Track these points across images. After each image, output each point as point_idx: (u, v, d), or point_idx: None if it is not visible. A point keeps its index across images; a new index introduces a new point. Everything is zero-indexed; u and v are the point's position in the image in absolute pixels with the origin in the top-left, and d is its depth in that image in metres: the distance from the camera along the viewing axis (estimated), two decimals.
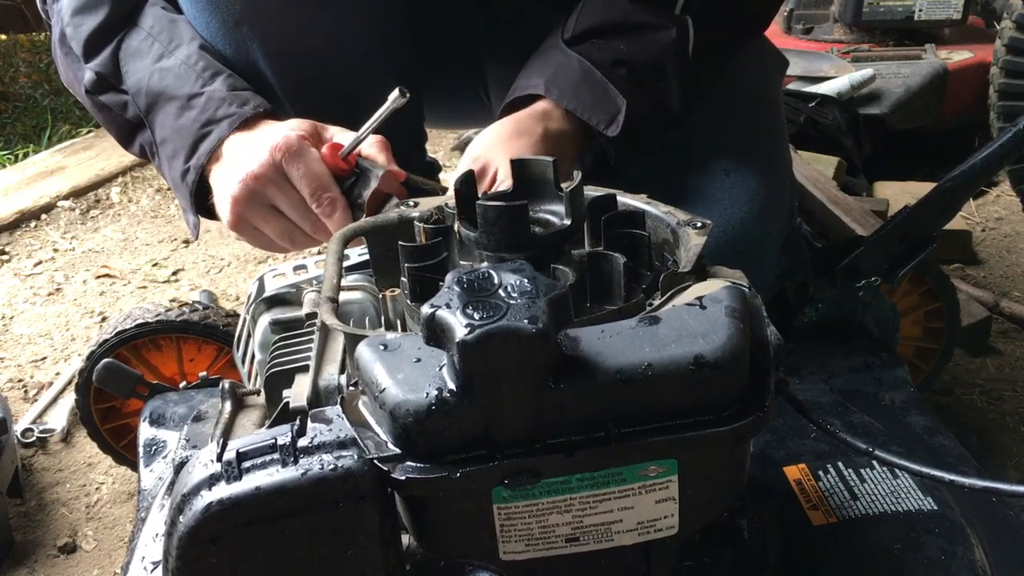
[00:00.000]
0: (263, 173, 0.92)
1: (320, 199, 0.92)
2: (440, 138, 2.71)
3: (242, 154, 0.95)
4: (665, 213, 0.72)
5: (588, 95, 0.98)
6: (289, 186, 0.93)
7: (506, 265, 0.55)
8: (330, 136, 0.97)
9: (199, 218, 1.05)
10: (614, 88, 0.98)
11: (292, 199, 0.94)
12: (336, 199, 0.92)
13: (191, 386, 1.18)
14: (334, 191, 0.92)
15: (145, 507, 0.98)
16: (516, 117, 0.99)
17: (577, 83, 0.99)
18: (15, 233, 2.29)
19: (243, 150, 0.95)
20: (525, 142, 0.94)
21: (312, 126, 0.97)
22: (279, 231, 0.97)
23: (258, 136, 0.96)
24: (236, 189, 0.93)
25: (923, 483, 0.87)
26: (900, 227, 1.19)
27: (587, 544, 0.58)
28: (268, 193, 0.94)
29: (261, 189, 0.93)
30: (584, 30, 1.02)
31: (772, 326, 0.62)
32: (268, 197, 0.94)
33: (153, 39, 1.04)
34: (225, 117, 0.98)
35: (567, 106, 0.98)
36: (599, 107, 0.98)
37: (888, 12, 2.53)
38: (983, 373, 1.64)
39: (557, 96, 0.98)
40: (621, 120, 0.98)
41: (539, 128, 0.97)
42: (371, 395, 0.56)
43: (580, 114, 0.98)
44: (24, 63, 3.34)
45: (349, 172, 0.94)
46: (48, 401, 1.65)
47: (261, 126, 0.98)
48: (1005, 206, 2.25)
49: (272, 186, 0.93)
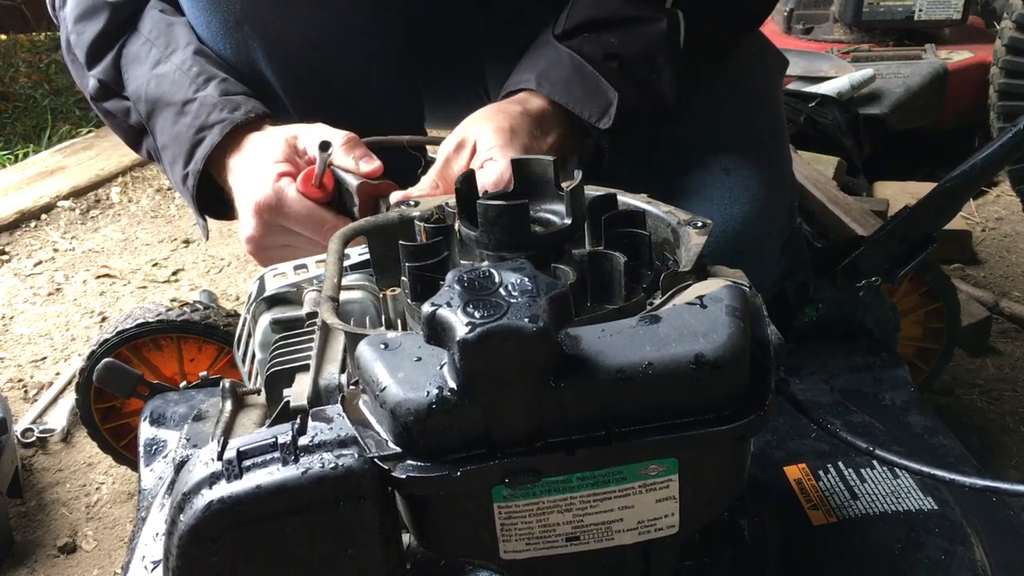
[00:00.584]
0: (261, 233, 0.97)
1: (322, 233, 0.95)
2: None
3: (241, 206, 0.99)
4: (666, 212, 0.72)
5: (579, 88, 0.99)
6: (290, 232, 0.97)
7: (507, 264, 0.55)
8: (304, 148, 0.99)
9: (206, 219, 1.06)
10: (605, 81, 0.99)
11: (299, 239, 0.98)
12: (336, 225, 0.94)
13: (191, 386, 1.18)
14: (329, 219, 0.95)
15: (145, 506, 0.98)
16: (497, 103, 1.01)
17: (568, 77, 0.99)
18: (15, 233, 2.29)
19: (240, 200, 0.99)
20: (503, 117, 0.96)
21: (289, 149, 0.99)
22: (305, 253, 0.99)
23: (246, 180, 0.98)
24: (248, 247, 0.99)
25: (923, 483, 0.87)
26: (900, 227, 1.19)
27: (587, 543, 0.58)
28: (275, 242, 0.98)
29: (266, 243, 0.98)
30: (575, 25, 1.02)
31: (772, 326, 0.62)
32: (277, 243, 0.99)
33: (151, 44, 1.05)
34: (217, 123, 0.99)
35: (558, 99, 0.99)
36: (590, 100, 0.99)
37: (888, 12, 2.53)
38: (983, 373, 1.64)
39: (548, 90, 0.99)
40: (613, 113, 0.98)
41: (517, 108, 0.98)
42: (372, 394, 0.56)
43: (572, 107, 0.98)
44: (24, 63, 3.33)
45: (332, 192, 0.97)
46: (48, 401, 1.65)
47: (248, 147, 1.00)
48: (1005, 206, 2.25)
49: (274, 238, 0.98)
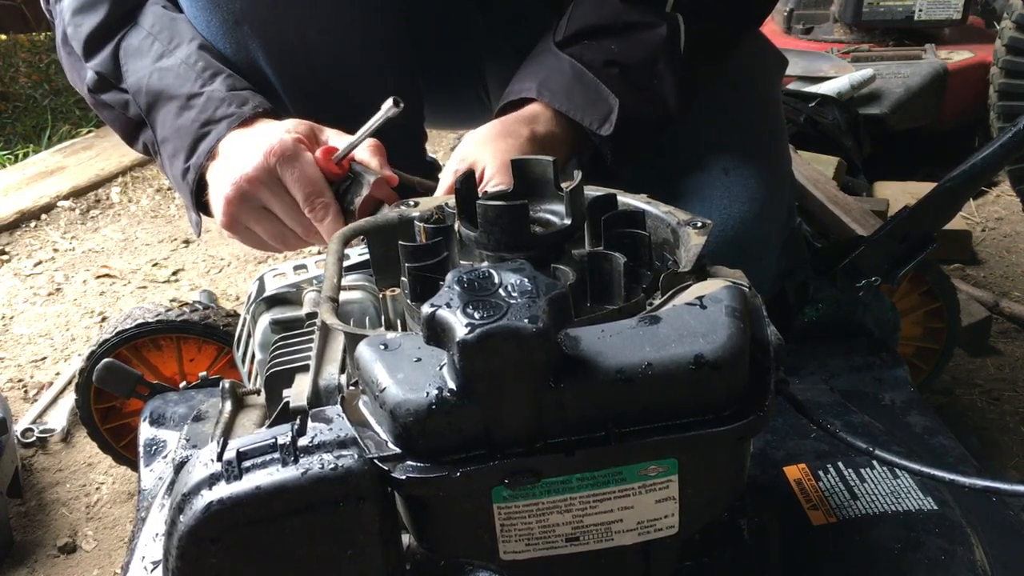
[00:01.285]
0: (256, 175, 0.92)
1: (313, 203, 0.92)
2: (440, 138, 2.71)
3: (237, 154, 0.95)
4: (665, 213, 0.72)
5: (580, 96, 0.98)
6: (282, 189, 0.93)
7: (506, 265, 0.55)
8: (326, 139, 0.97)
9: (201, 216, 1.05)
10: (606, 88, 0.99)
11: (285, 202, 0.94)
12: (329, 204, 0.93)
13: (191, 386, 1.18)
14: (327, 196, 0.93)
15: (145, 507, 0.98)
16: (504, 119, 0.99)
17: (569, 85, 0.99)
18: (15, 233, 2.29)
19: (239, 150, 0.95)
20: (511, 143, 0.95)
21: (309, 128, 0.97)
22: (271, 233, 0.97)
23: (254, 136, 0.96)
24: (229, 190, 0.93)
25: (923, 483, 0.87)
26: (900, 227, 1.19)
27: (587, 544, 0.58)
28: (261, 195, 0.94)
29: (254, 191, 0.93)
30: (575, 32, 1.02)
31: (772, 326, 0.62)
32: (261, 199, 0.94)
33: (153, 38, 1.04)
34: (224, 117, 0.98)
35: (559, 108, 0.98)
36: (591, 108, 0.98)
37: (888, 12, 2.53)
38: (983, 373, 1.64)
39: (549, 98, 0.98)
40: (614, 119, 0.98)
41: (525, 130, 0.97)
42: (371, 395, 0.56)
43: (572, 115, 0.98)
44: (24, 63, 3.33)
45: (342, 176, 0.94)
46: (48, 401, 1.65)
47: (259, 124, 0.98)
48: (1005, 206, 2.25)
49: (265, 189, 0.93)
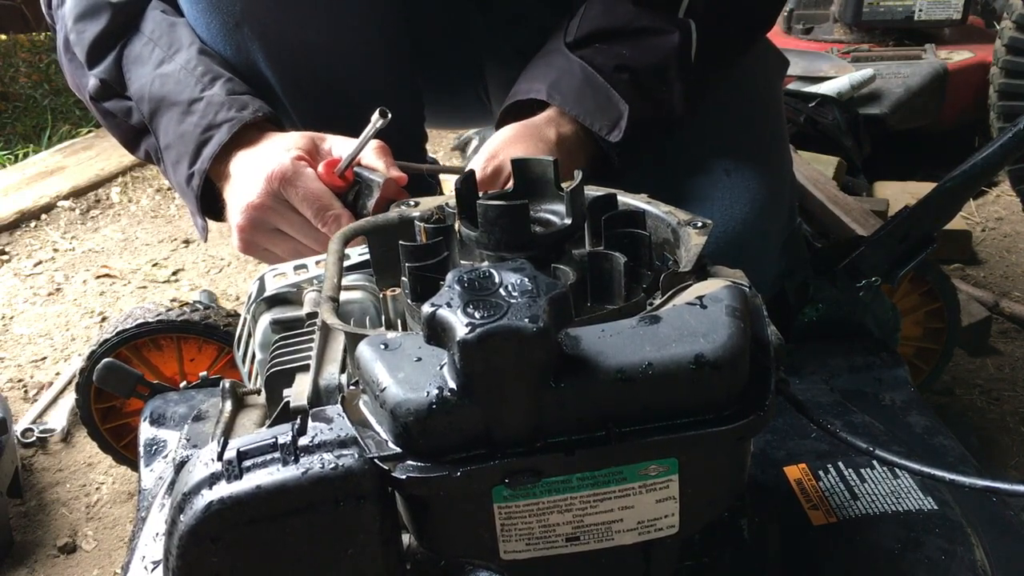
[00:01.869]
0: (262, 202, 0.95)
1: (324, 218, 0.94)
2: (440, 138, 2.71)
3: (242, 180, 0.97)
4: (666, 213, 0.72)
5: (590, 100, 0.98)
6: (290, 210, 0.95)
7: (507, 264, 0.55)
8: (328, 147, 0.98)
9: (207, 221, 1.06)
10: (616, 93, 0.98)
11: (295, 222, 0.96)
12: (340, 214, 0.94)
13: (191, 386, 1.18)
14: (336, 207, 0.94)
15: (145, 507, 0.98)
16: (529, 122, 0.99)
17: (579, 88, 0.99)
18: (15, 233, 2.29)
19: (243, 175, 0.97)
20: (541, 147, 0.95)
21: (309, 140, 0.98)
22: (289, 251, 0.99)
23: (256, 159, 0.97)
24: (240, 219, 0.96)
25: (923, 483, 0.87)
26: (900, 227, 1.19)
27: (587, 543, 0.58)
28: (271, 219, 0.96)
29: (263, 216, 0.96)
30: (587, 34, 1.01)
31: (772, 326, 0.62)
32: (271, 223, 0.97)
33: (154, 44, 1.04)
34: (225, 122, 0.99)
35: (569, 111, 0.98)
36: (601, 112, 0.98)
37: (888, 12, 2.53)
38: (983, 373, 1.64)
39: (560, 101, 0.98)
40: (624, 125, 0.97)
41: (552, 133, 0.97)
42: (372, 394, 0.56)
43: (582, 120, 0.98)
44: (24, 63, 3.33)
45: (348, 186, 0.96)
46: (48, 401, 1.65)
47: (263, 141, 0.99)
48: (1005, 206, 2.25)
49: (273, 212, 0.95)
